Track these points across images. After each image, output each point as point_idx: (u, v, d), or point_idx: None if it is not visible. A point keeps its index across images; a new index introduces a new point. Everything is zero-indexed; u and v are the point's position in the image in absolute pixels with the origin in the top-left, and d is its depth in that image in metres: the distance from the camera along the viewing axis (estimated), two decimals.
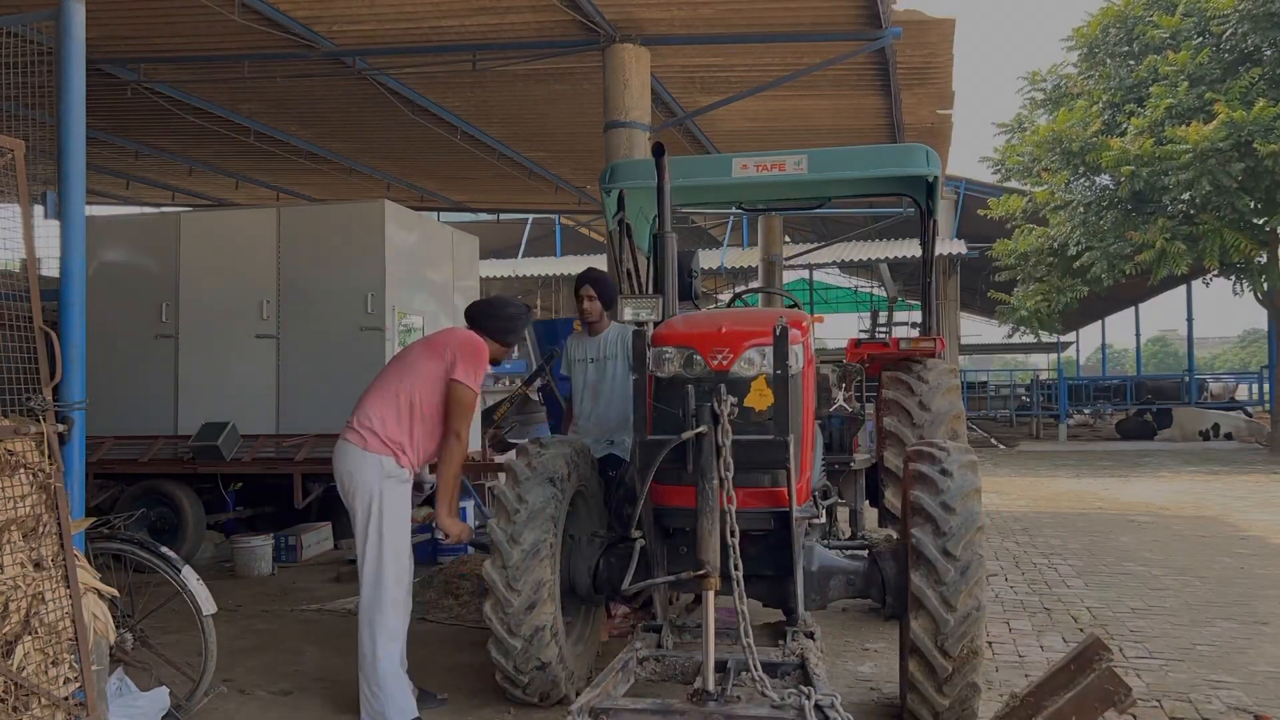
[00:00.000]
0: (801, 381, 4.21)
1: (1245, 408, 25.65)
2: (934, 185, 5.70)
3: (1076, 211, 18.39)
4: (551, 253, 28.13)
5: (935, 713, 3.92)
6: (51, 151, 3.71)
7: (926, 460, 4.16)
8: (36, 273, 3.57)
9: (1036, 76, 20.55)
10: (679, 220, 19.67)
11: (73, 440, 3.61)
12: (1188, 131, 15.84)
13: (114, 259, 8.79)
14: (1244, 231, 16.72)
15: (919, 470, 4.12)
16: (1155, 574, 7.63)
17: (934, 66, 10.14)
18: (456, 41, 9.18)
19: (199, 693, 4.45)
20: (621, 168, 5.93)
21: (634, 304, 4.23)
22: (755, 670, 3.44)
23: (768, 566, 4.20)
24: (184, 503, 8.32)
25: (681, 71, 10.07)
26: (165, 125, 11.80)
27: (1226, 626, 6.02)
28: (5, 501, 3.26)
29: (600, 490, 5.03)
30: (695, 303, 5.61)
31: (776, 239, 19.40)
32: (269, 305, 8.36)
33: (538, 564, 4.22)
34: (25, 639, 3.24)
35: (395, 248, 8.29)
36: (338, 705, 4.71)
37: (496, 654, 4.30)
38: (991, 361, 49.19)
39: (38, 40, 3.74)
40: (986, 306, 33.30)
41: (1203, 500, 12.24)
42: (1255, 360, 52.63)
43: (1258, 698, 4.67)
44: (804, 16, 8.61)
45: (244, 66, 9.62)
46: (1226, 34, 16.86)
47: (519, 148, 13.33)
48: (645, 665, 3.99)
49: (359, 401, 4.65)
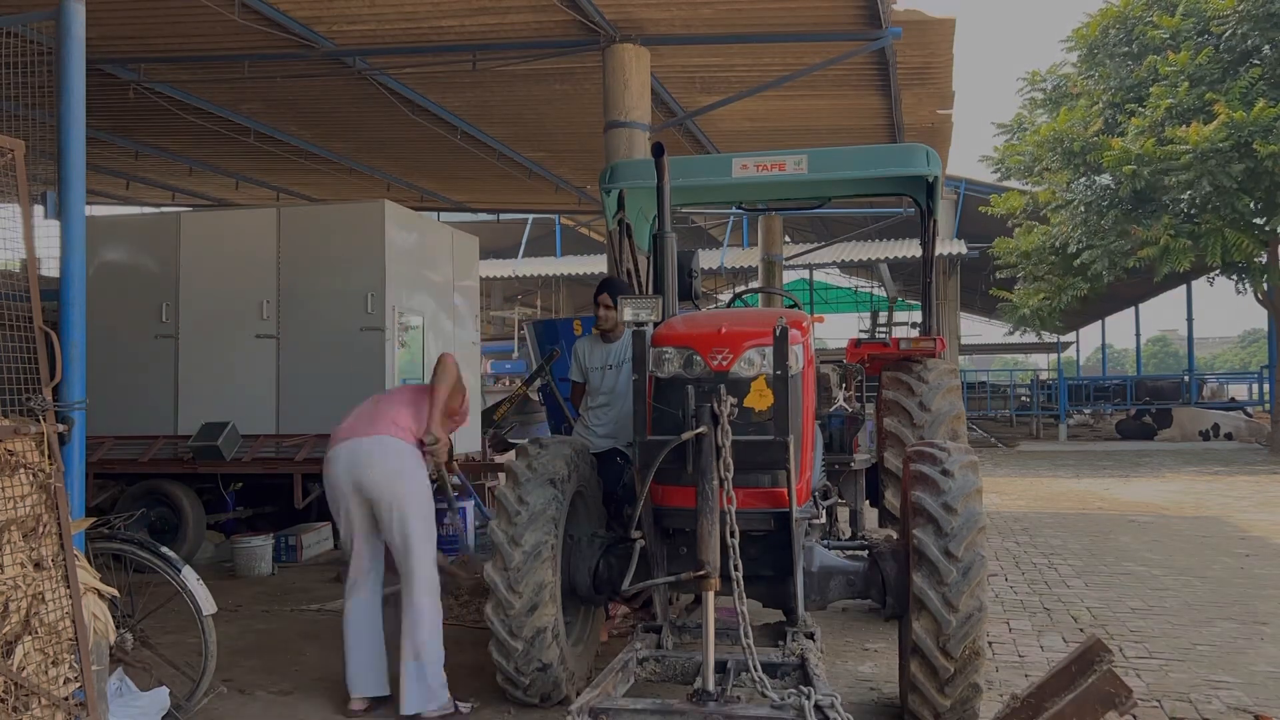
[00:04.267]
0: (801, 382, 4.20)
1: (1245, 407, 25.66)
2: (934, 185, 5.70)
3: (1077, 211, 18.40)
4: (551, 253, 28.15)
5: (937, 713, 3.92)
6: (51, 151, 3.71)
7: (927, 461, 4.16)
8: (36, 273, 3.57)
9: (1036, 77, 20.56)
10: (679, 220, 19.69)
11: (73, 440, 3.61)
12: (1188, 132, 15.84)
13: (114, 259, 8.79)
14: (1244, 231, 16.73)
15: (920, 471, 4.12)
16: (1155, 574, 7.63)
17: (934, 66, 10.14)
18: (456, 41, 9.18)
19: (199, 693, 4.44)
20: (621, 168, 5.93)
21: (634, 304, 4.23)
22: (755, 670, 3.44)
23: (768, 567, 4.20)
24: (184, 503, 8.32)
25: (681, 71, 10.07)
26: (165, 125, 11.79)
27: (1226, 626, 6.02)
28: (5, 501, 3.26)
29: (601, 491, 5.03)
30: (695, 303, 5.61)
31: (776, 239, 19.39)
32: (269, 305, 8.35)
33: (539, 566, 4.22)
34: (25, 639, 3.23)
35: (395, 248, 8.29)
36: (338, 705, 4.71)
37: (497, 655, 4.30)
38: (991, 361, 49.18)
39: (38, 40, 3.74)
40: (986, 306, 33.33)
41: (1203, 500, 12.24)
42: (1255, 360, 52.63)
43: (1258, 698, 4.67)
44: (804, 16, 8.60)
45: (244, 66, 9.62)
46: (1226, 34, 16.86)
47: (519, 148, 13.33)
48: (645, 665, 3.99)
49: (370, 417, 4.75)
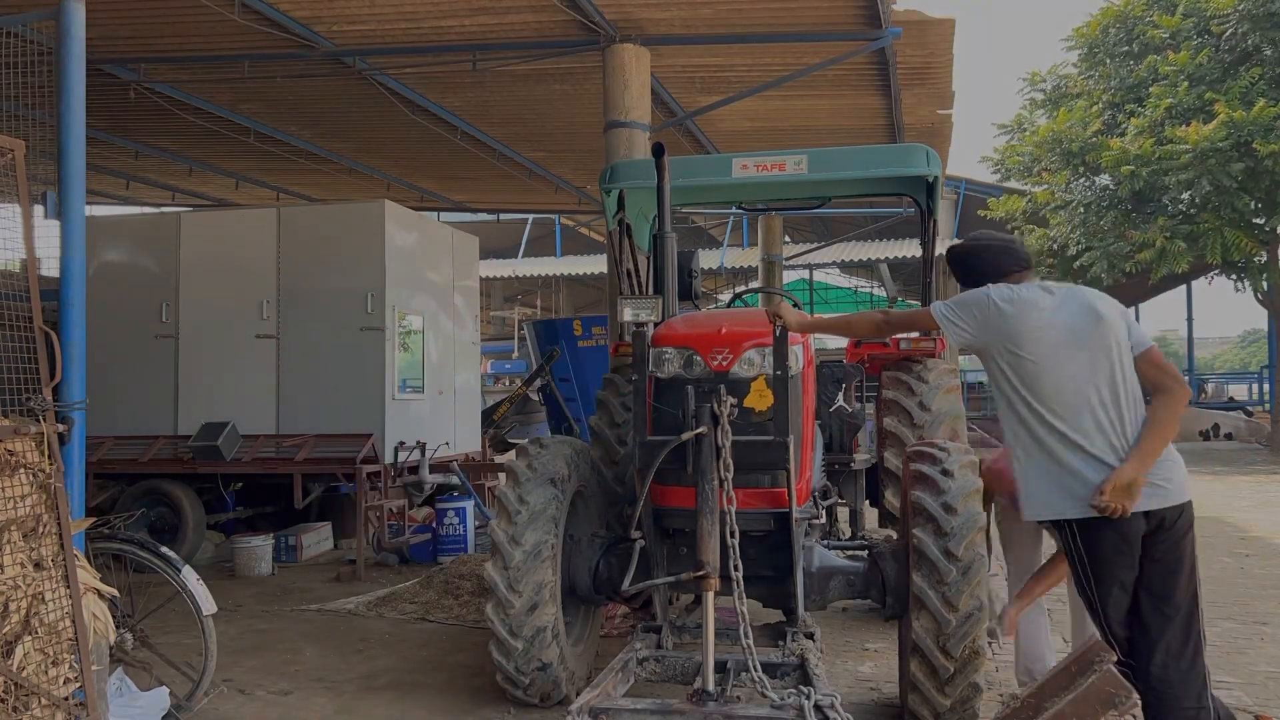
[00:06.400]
0: (801, 382, 4.21)
1: (1245, 407, 25.65)
2: (934, 185, 5.70)
3: (1076, 212, 18.40)
4: (551, 253, 28.16)
5: (937, 713, 3.92)
6: (51, 151, 3.72)
7: (927, 460, 4.16)
8: (36, 273, 3.57)
9: (1036, 77, 20.54)
10: (679, 220, 19.70)
11: (73, 440, 3.61)
12: (1188, 131, 15.84)
13: (114, 259, 8.79)
14: (1244, 231, 16.73)
15: (920, 470, 4.12)
16: None
17: (934, 66, 10.13)
18: (456, 41, 9.17)
19: (199, 693, 4.44)
20: (621, 168, 5.93)
21: (634, 304, 4.23)
22: (755, 670, 3.44)
23: (767, 567, 4.20)
24: (184, 503, 8.32)
25: (681, 71, 10.07)
26: (165, 125, 11.78)
27: (1226, 626, 6.02)
28: (5, 501, 3.26)
29: (600, 490, 5.03)
30: (695, 303, 5.61)
31: (776, 239, 19.40)
32: (269, 305, 8.35)
33: (539, 565, 4.22)
34: (25, 639, 3.24)
35: (395, 248, 8.30)
36: (338, 705, 4.71)
37: (498, 655, 4.30)
38: None
39: (38, 40, 3.74)
40: None
41: (1203, 500, 12.23)
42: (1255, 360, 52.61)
43: (1258, 698, 4.67)
44: (804, 16, 8.60)
45: (244, 66, 9.62)
46: (1226, 34, 16.86)
47: (519, 148, 13.32)
48: (645, 665, 3.99)
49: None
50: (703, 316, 4.67)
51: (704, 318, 4.60)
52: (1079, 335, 3.25)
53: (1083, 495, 3.15)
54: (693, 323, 4.38)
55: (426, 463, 8.39)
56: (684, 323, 4.40)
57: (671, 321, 4.47)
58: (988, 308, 3.35)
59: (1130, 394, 3.24)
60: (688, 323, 4.39)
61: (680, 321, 4.45)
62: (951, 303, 3.43)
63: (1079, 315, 3.29)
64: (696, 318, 4.60)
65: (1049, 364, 3.24)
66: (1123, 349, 3.26)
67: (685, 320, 4.49)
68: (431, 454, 8.47)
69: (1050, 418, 3.23)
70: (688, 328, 4.26)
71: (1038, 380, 3.25)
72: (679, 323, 4.41)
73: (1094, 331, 3.26)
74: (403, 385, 8.41)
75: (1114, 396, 3.21)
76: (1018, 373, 3.30)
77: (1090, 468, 3.17)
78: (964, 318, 3.38)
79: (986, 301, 3.36)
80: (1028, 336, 3.27)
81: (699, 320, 4.49)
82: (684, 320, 4.49)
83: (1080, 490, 3.16)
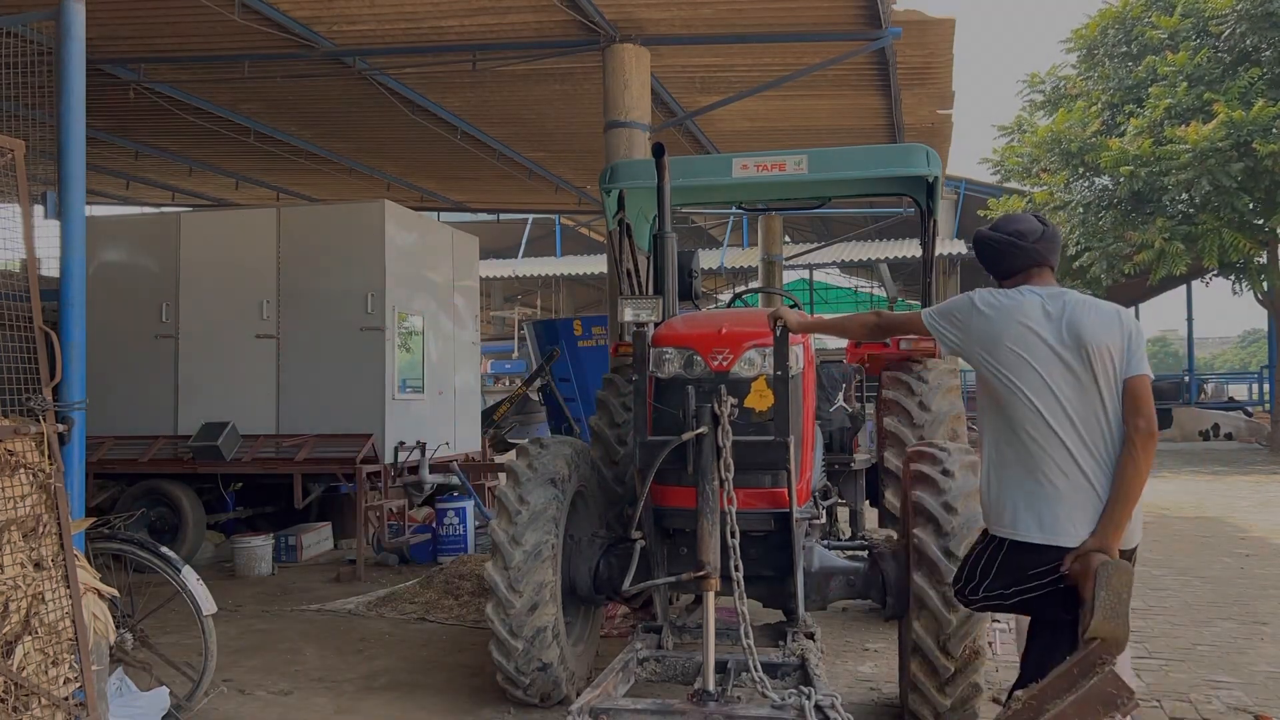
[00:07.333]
0: (802, 382, 4.21)
1: (1245, 407, 25.64)
2: (934, 185, 5.70)
3: (1075, 212, 18.40)
4: (551, 253, 28.17)
5: (937, 713, 3.92)
6: (51, 151, 3.71)
7: (927, 461, 4.16)
8: (36, 273, 3.57)
9: (1035, 79, 20.54)
10: (679, 220, 19.70)
11: (73, 440, 3.61)
12: (1187, 132, 15.84)
13: (114, 259, 8.79)
14: (1243, 231, 16.73)
15: (920, 471, 4.12)
16: (1155, 574, 7.62)
17: (934, 66, 10.14)
18: (456, 41, 9.18)
19: (199, 693, 4.44)
20: (621, 168, 5.93)
21: (634, 305, 4.23)
22: (755, 670, 3.44)
23: (768, 567, 4.20)
24: (184, 503, 8.32)
25: (681, 71, 10.07)
26: (165, 125, 11.78)
27: (1226, 626, 6.02)
28: (5, 501, 3.26)
29: (600, 490, 5.03)
30: (695, 303, 5.61)
31: (776, 239, 19.41)
32: (269, 305, 8.35)
33: (540, 565, 4.22)
34: (25, 639, 3.24)
35: (395, 248, 8.30)
36: (338, 705, 4.71)
37: (498, 655, 4.30)
38: None
39: (38, 40, 3.74)
40: None
41: (1203, 500, 12.23)
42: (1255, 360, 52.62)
43: (1258, 698, 4.67)
44: (804, 16, 8.60)
45: (244, 66, 9.62)
46: (1225, 34, 16.86)
47: (519, 148, 13.32)
48: (645, 665, 3.99)
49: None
50: (703, 317, 4.67)
51: (704, 318, 4.60)
52: (1064, 359, 2.98)
53: (1047, 522, 2.93)
54: (693, 323, 4.38)
55: (426, 463, 8.39)
56: (684, 323, 4.40)
57: (672, 321, 4.47)
58: (970, 311, 3.13)
59: (1109, 427, 2.97)
60: (688, 323, 4.39)
61: (680, 321, 4.45)
62: (939, 309, 3.25)
63: (1068, 340, 2.99)
64: (697, 318, 4.60)
65: (1025, 380, 2.99)
66: (1111, 379, 2.97)
67: (685, 320, 4.49)
68: (431, 454, 8.47)
69: (1023, 437, 2.99)
70: (688, 328, 4.26)
71: (1011, 395, 3.01)
72: (679, 323, 4.41)
73: (1079, 362, 2.97)
74: (403, 385, 8.41)
75: (1091, 429, 2.95)
76: (989, 384, 3.10)
77: (1056, 497, 2.94)
78: (948, 324, 3.18)
79: (969, 305, 3.14)
80: (1003, 346, 3.03)
81: (699, 320, 4.49)
82: (684, 320, 4.49)
83: (1045, 516, 2.94)
